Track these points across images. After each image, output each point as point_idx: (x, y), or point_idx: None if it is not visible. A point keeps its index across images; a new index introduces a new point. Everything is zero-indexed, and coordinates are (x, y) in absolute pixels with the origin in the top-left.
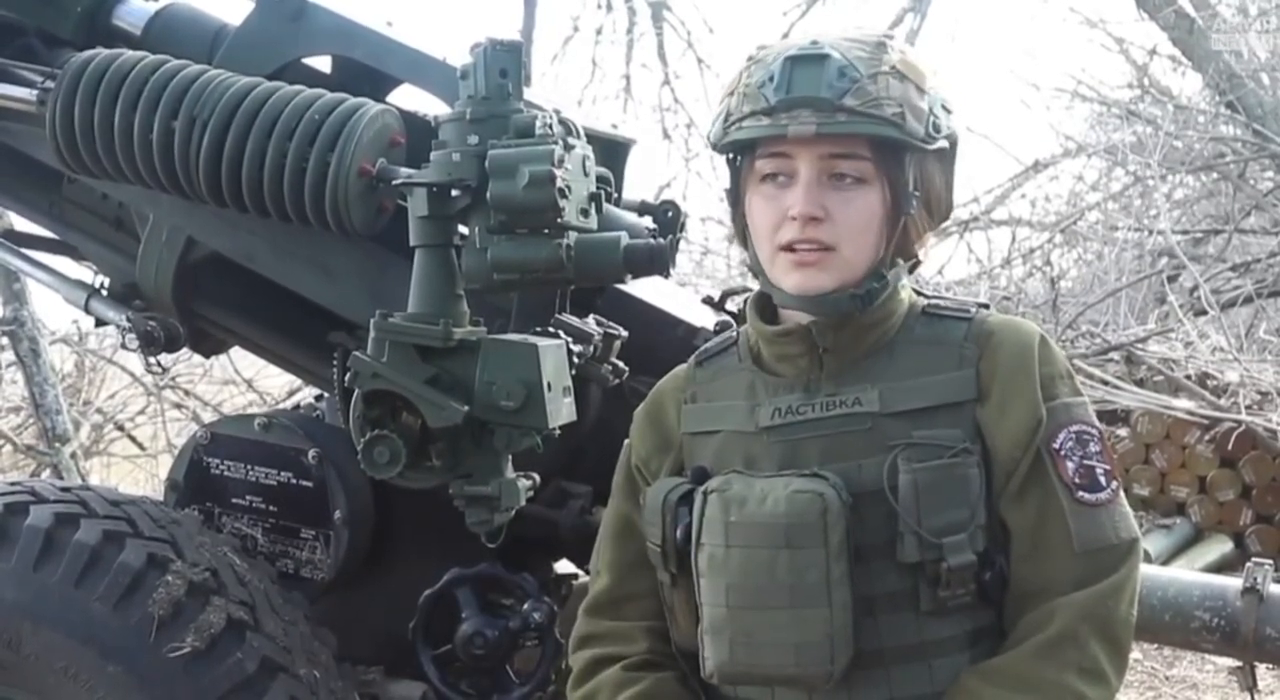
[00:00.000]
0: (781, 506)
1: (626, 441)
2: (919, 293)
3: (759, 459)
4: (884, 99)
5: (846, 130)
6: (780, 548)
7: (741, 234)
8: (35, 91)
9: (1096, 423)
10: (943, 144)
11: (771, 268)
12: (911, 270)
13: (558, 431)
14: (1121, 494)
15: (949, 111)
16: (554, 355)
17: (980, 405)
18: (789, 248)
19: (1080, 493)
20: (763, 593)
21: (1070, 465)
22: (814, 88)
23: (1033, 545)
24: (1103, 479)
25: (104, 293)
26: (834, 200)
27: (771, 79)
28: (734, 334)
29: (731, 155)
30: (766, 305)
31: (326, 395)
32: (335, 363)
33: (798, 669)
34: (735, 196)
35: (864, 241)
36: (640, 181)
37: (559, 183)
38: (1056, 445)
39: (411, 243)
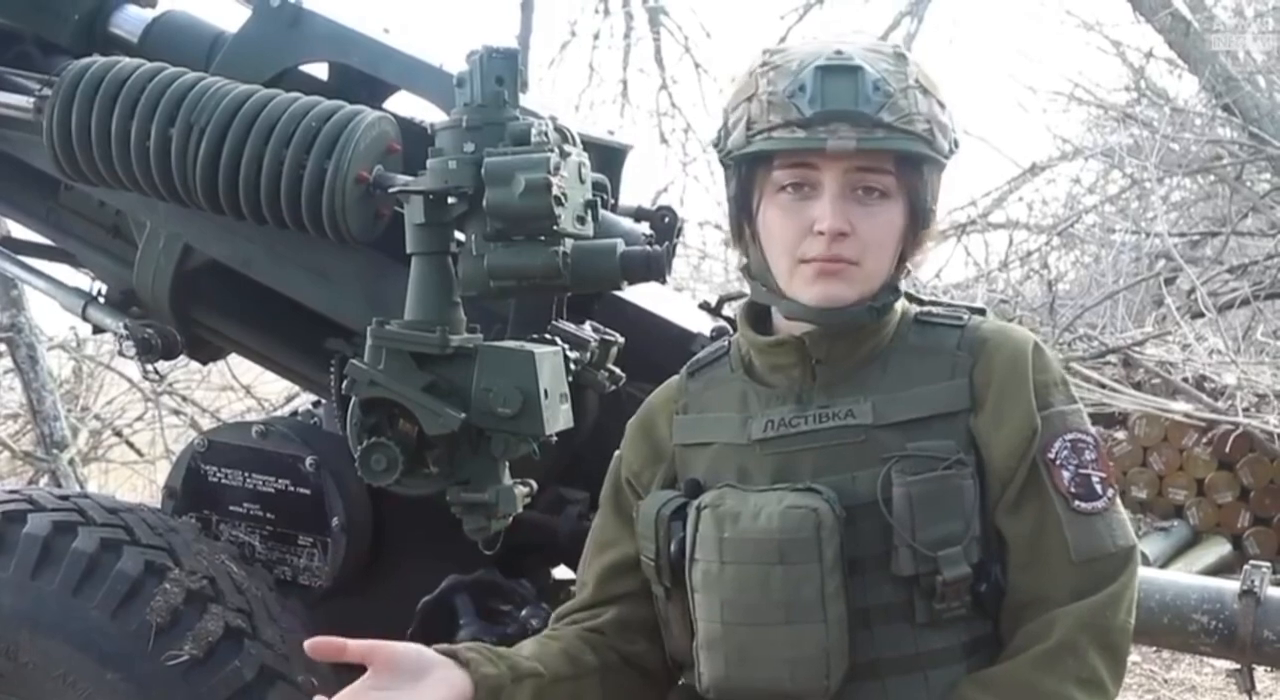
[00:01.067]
0: (775, 522)
1: (617, 453)
2: (912, 299)
3: (752, 472)
4: (915, 115)
5: (885, 146)
6: (774, 563)
7: (746, 242)
8: (32, 99)
9: (1091, 430)
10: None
11: (790, 280)
12: (904, 276)
13: (555, 438)
14: (1118, 501)
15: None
16: (551, 362)
17: (974, 415)
18: (808, 260)
19: (1076, 502)
20: (757, 608)
21: (1066, 474)
22: (850, 101)
23: (1030, 556)
24: (1099, 487)
25: (101, 300)
26: (858, 214)
27: (803, 89)
28: (725, 343)
29: (741, 163)
30: (758, 315)
31: (324, 402)
32: (332, 370)
33: (793, 684)
34: (744, 204)
35: (884, 256)
36: (637, 186)
37: (555, 190)
38: (1051, 455)
39: (408, 250)
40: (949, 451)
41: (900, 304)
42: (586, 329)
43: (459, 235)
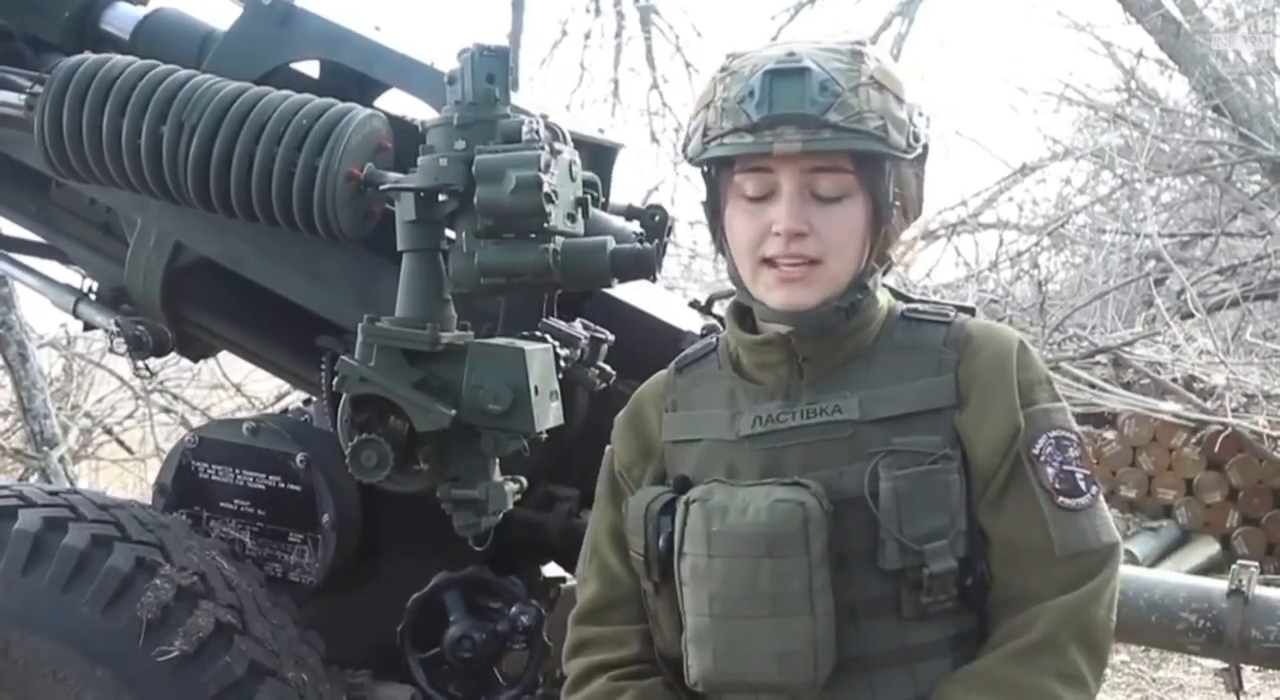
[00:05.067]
0: (763, 516)
1: (609, 447)
2: (899, 296)
3: (740, 467)
4: (866, 112)
5: (832, 146)
6: (762, 557)
7: (720, 245)
8: (23, 96)
9: (1076, 428)
10: (919, 150)
11: (754, 283)
12: (886, 272)
13: (544, 435)
14: (1102, 498)
15: (924, 117)
16: (541, 359)
17: (959, 411)
18: (772, 263)
19: (1061, 498)
20: (745, 602)
21: (1050, 471)
22: (797, 104)
23: (1013, 551)
24: (1083, 484)
25: (92, 297)
26: (817, 214)
27: (752, 94)
28: (713, 340)
29: (707, 169)
30: (745, 313)
31: (314, 399)
32: (323, 367)
33: (781, 677)
34: (714, 209)
35: (848, 254)
36: (628, 185)
37: (546, 187)
38: (1036, 451)
39: (399, 247)
40: (935, 446)
41: (886, 301)
42: (577, 326)
43: (450, 233)
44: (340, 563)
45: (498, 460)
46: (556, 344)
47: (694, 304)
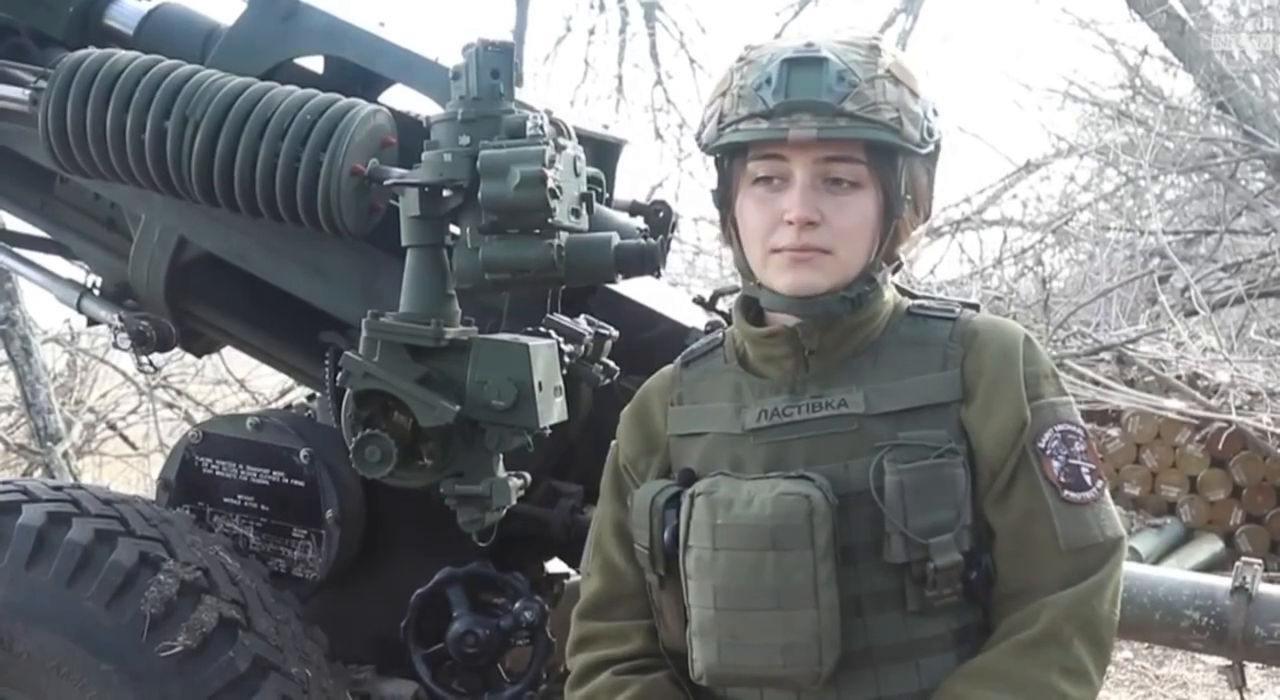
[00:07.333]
0: (768, 509)
1: (614, 442)
2: (906, 293)
3: (745, 461)
4: (882, 103)
5: (847, 135)
6: (767, 550)
7: (729, 235)
8: (27, 91)
9: (1081, 422)
10: (931, 147)
11: (764, 270)
12: (895, 271)
13: (549, 431)
14: (1107, 492)
15: (937, 114)
16: (545, 355)
17: (965, 406)
18: (781, 252)
19: (1066, 491)
20: (750, 595)
21: (1056, 464)
22: (814, 91)
23: (1018, 545)
24: (1088, 477)
25: (96, 292)
26: (829, 204)
27: (769, 82)
28: (720, 335)
29: (720, 156)
30: (752, 307)
31: (318, 395)
32: (327, 362)
33: (786, 670)
34: (724, 198)
35: (858, 245)
36: (632, 182)
37: (550, 183)
38: (1042, 444)
39: (403, 243)
40: (940, 440)
41: (892, 296)
42: (581, 322)
43: (454, 228)
44: (344, 558)
45: (501, 456)
46: (561, 340)
47: (698, 300)
